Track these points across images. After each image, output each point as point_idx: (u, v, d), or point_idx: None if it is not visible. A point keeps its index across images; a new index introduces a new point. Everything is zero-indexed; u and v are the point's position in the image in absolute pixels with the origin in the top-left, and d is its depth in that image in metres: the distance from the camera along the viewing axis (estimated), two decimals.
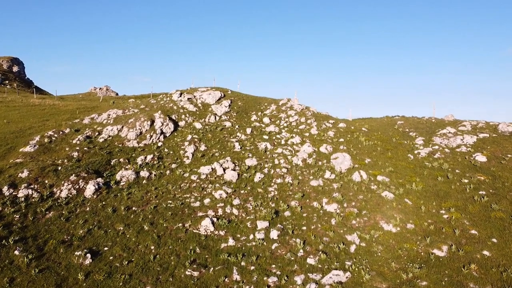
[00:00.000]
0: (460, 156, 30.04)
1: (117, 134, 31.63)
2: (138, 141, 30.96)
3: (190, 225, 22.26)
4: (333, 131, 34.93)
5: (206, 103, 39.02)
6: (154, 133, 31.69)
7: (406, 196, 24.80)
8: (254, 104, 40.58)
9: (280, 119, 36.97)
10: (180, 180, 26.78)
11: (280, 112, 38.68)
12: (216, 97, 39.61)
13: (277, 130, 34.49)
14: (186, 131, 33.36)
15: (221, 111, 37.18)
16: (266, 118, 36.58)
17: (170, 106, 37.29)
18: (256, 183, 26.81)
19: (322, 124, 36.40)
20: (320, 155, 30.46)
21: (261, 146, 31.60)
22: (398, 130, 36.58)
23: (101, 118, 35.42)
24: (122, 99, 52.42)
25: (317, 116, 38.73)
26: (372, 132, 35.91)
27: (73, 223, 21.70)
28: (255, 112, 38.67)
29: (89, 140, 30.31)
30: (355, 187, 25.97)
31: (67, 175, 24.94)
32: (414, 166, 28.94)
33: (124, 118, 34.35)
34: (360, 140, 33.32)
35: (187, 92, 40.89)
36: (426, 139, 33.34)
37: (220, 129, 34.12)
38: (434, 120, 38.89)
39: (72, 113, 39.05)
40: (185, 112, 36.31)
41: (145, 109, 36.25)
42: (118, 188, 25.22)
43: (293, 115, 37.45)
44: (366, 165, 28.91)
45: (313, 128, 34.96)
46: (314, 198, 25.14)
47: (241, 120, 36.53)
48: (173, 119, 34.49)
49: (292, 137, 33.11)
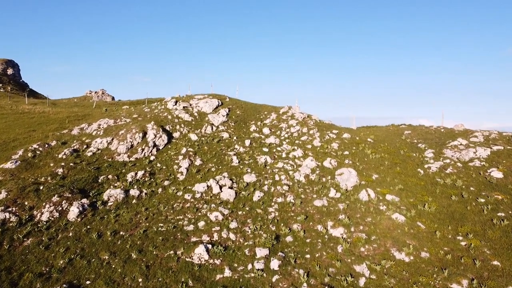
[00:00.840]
0: (474, 171, 28.00)
1: (107, 147, 29.59)
2: (129, 155, 28.93)
3: (182, 253, 20.23)
4: (337, 142, 32.89)
5: (202, 112, 36.95)
6: (146, 146, 29.65)
7: (419, 219, 22.77)
8: (253, 113, 38.54)
9: (280, 129, 34.93)
10: (173, 200, 24.75)
11: (280, 121, 36.64)
12: (213, 105, 37.55)
13: (277, 141, 32.45)
14: (180, 143, 31.32)
15: (218, 120, 35.13)
16: (266, 129, 34.53)
17: (164, 115, 35.24)
18: (255, 202, 24.78)
19: (326, 134, 34.36)
20: (324, 170, 28.42)
21: (261, 160, 29.56)
22: (405, 141, 34.56)
23: (91, 128, 33.38)
24: (116, 105, 50.36)
25: (319, 126, 36.68)
26: (378, 143, 33.87)
27: (53, 251, 19.68)
28: (254, 121, 36.62)
29: (76, 154, 28.27)
30: (362, 208, 23.94)
31: (49, 195, 22.91)
32: (425, 182, 26.91)
33: (115, 128, 32.32)
34: (366, 152, 31.29)
35: (183, 100, 38.83)
36: (436, 152, 31.31)
37: (217, 140, 32.08)
38: (443, 129, 36.87)
39: (61, 122, 37.01)
40: (180, 122, 34.27)
41: (138, 118, 34.21)
42: (105, 210, 23.18)
43: (294, 125, 35.41)
44: (373, 181, 26.88)
45: (315, 140, 32.92)
46: (318, 220, 23.11)
47: (240, 130, 34.50)
48: (167, 130, 32.45)
49: (294, 150, 31.07)
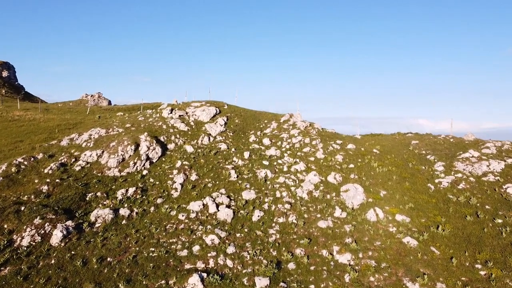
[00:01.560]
0: (488, 187, 26.22)
1: (97, 161, 27.79)
2: (120, 169, 27.12)
3: (175, 283, 18.44)
4: (341, 154, 31.09)
5: (199, 121, 35.13)
6: (139, 160, 27.84)
7: (432, 243, 20.98)
8: (252, 122, 36.73)
9: (281, 139, 33.12)
10: (166, 220, 22.94)
11: (281, 131, 34.83)
12: (211, 114, 35.73)
13: (278, 153, 30.63)
14: (175, 155, 29.51)
15: (216, 130, 33.31)
16: (266, 139, 32.72)
17: (159, 125, 33.43)
18: (255, 223, 22.99)
19: (329, 145, 32.56)
20: (328, 186, 26.62)
21: (261, 174, 27.76)
22: (413, 152, 32.75)
23: (81, 139, 31.58)
24: (111, 111, 48.56)
25: (322, 136, 34.89)
26: (385, 154, 32.08)
27: (33, 282, 17.87)
28: (253, 131, 34.81)
29: (64, 169, 26.47)
30: (370, 230, 22.14)
31: (31, 217, 21.10)
32: (436, 200, 25.12)
33: (106, 139, 30.51)
34: (373, 166, 29.49)
35: (179, 108, 37.02)
36: (447, 165, 29.51)
37: (214, 152, 30.28)
38: (453, 139, 35.07)
39: (51, 132, 35.20)
40: (176, 132, 32.45)
41: (131, 128, 32.38)
42: (91, 232, 21.37)
43: (296, 135, 33.60)
44: (381, 199, 25.09)
45: (319, 151, 31.12)
46: (323, 244, 21.31)
47: (238, 141, 32.68)
48: (161, 142, 30.64)
49: (296, 163, 29.26)
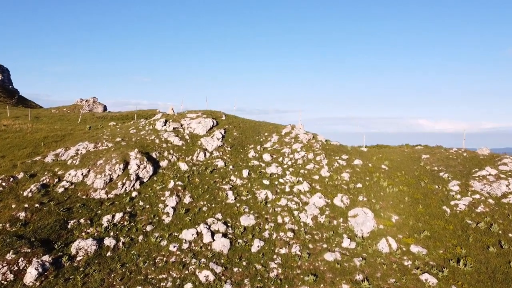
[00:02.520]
0: (509, 210, 23.96)
1: (82, 181, 25.50)
2: (107, 190, 24.84)
3: None
4: (348, 172, 28.83)
5: (195, 134, 32.82)
6: (128, 180, 25.56)
7: (454, 281, 18.70)
8: (252, 134, 34.43)
9: (283, 155, 30.82)
10: (156, 252, 20.66)
11: (283, 145, 32.54)
12: (207, 126, 33.43)
13: (280, 171, 28.35)
14: (168, 174, 27.23)
15: (213, 145, 31.01)
16: (267, 155, 30.43)
17: (151, 139, 31.13)
18: (254, 254, 20.71)
19: (334, 161, 30.30)
20: (335, 209, 24.36)
21: (261, 195, 25.50)
22: (424, 168, 30.49)
23: (67, 154, 29.30)
24: (103, 120, 46.26)
25: (327, 150, 32.62)
26: (394, 171, 29.82)
27: None
28: (253, 145, 32.50)
29: (45, 191, 24.19)
30: (383, 265, 19.88)
31: (3, 251, 18.80)
32: (454, 227, 22.86)
33: (94, 156, 28.23)
34: (382, 185, 27.23)
35: (173, 119, 34.70)
36: (462, 184, 27.25)
37: (211, 170, 27.99)
38: (466, 153, 32.80)
39: (37, 146, 32.89)
40: (169, 147, 30.15)
41: (121, 143, 30.09)
42: (71, 268, 19.09)
43: (298, 150, 31.32)
44: (393, 226, 22.83)
45: (323, 169, 28.85)
46: (331, 282, 19.03)
47: (237, 157, 30.39)
48: (153, 159, 28.35)
49: (299, 182, 26.99)
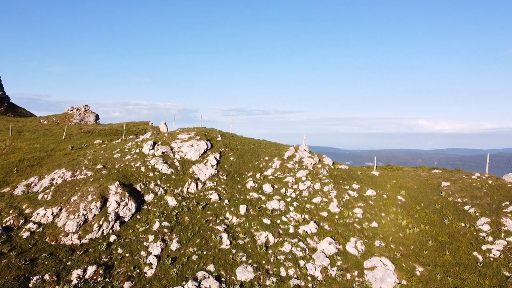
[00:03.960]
0: None
1: (52, 223, 21.88)
2: (80, 234, 21.21)
3: None
4: (360, 206, 25.21)
5: (186, 159, 29.16)
6: (106, 221, 21.93)
7: None
8: (251, 159, 30.75)
9: (286, 185, 27.19)
10: None
11: (285, 172, 28.89)
12: (200, 150, 29.77)
13: (282, 206, 24.71)
14: (154, 211, 23.59)
15: (206, 174, 27.35)
16: (267, 185, 26.79)
17: (136, 166, 27.47)
18: None
19: (344, 192, 26.68)
20: (348, 259, 20.73)
21: (261, 239, 21.88)
22: (446, 200, 26.86)
23: (40, 185, 25.70)
24: (89, 136, 42.55)
25: (335, 177, 28.99)
26: (412, 203, 26.20)
27: None
28: (252, 172, 28.84)
29: (7, 236, 20.55)
30: None
31: None
32: (490, 282, 19.23)
33: (69, 188, 24.61)
34: (401, 223, 23.62)
35: (163, 141, 31.01)
36: (493, 222, 23.63)
37: (203, 206, 24.36)
38: (491, 181, 29.15)
39: (9, 172, 29.32)
40: (156, 177, 26.50)
41: (102, 171, 26.45)
42: None
43: (303, 178, 27.68)
44: (418, 281, 19.20)
45: (332, 203, 25.24)
46: None
47: (233, 188, 26.73)
48: (137, 192, 24.71)
49: (305, 221, 23.38)
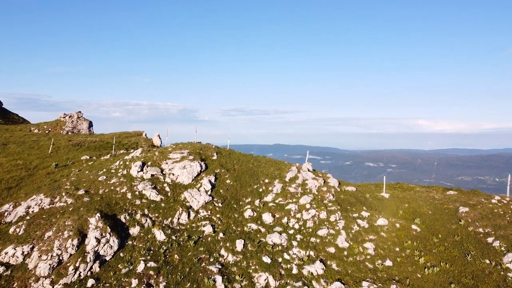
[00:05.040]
0: None
1: (23, 264, 19.21)
2: (54, 279, 18.52)
3: None
4: (371, 239, 22.56)
5: (177, 183, 26.46)
6: (83, 262, 19.23)
7: None
8: (249, 181, 28.04)
9: (288, 214, 24.52)
10: None
11: (287, 197, 26.21)
12: (194, 172, 27.07)
13: (284, 241, 22.04)
14: (139, 248, 20.90)
15: (199, 201, 24.66)
16: (268, 215, 24.12)
17: (122, 192, 24.78)
18: None
19: (353, 222, 24.03)
20: None
21: (260, 282, 19.20)
22: (466, 230, 24.21)
23: (14, 214, 23.06)
24: (76, 150, 39.79)
25: (342, 202, 26.34)
26: (429, 234, 23.57)
27: None
28: (250, 198, 26.14)
29: None
30: None
31: None
32: None
33: (46, 220, 21.94)
34: (418, 262, 20.97)
35: (153, 162, 28.27)
36: None
37: (195, 241, 21.68)
38: None
39: None
40: (143, 205, 23.81)
41: (83, 198, 23.77)
42: None
43: (307, 206, 25.02)
44: None
45: (340, 235, 22.59)
46: None
47: (229, 217, 24.06)
48: (121, 224, 22.04)
49: (310, 259, 20.71)
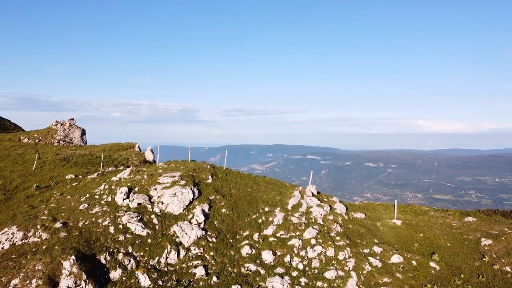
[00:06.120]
0: None
1: None
2: None
3: None
4: (386, 282, 19.80)
5: (167, 213, 23.68)
6: None
7: None
8: (247, 210, 25.25)
9: (291, 251, 21.76)
10: None
11: (290, 229, 23.44)
12: (185, 200, 24.29)
13: (287, 286, 19.19)
14: None
15: (191, 236, 21.86)
16: (268, 252, 21.35)
17: (104, 225, 22.01)
18: None
19: (364, 260, 21.27)
20: None
21: None
22: (492, 268, 21.47)
23: None
24: (63, 166, 36.93)
25: (351, 233, 23.60)
26: (449, 274, 20.82)
27: None
28: (249, 231, 23.35)
29: None
30: None
31: None
32: None
33: (15, 261, 19.18)
34: None
35: (141, 187, 25.48)
36: None
37: (185, 286, 18.88)
38: None
39: None
40: (127, 241, 21.03)
41: (60, 234, 21.00)
42: None
43: (312, 241, 22.25)
44: None
45: (351, 278, 19.83)
46: None
47: (224, 255, 21.27)
48: (100, 265, 19.26)
49: None
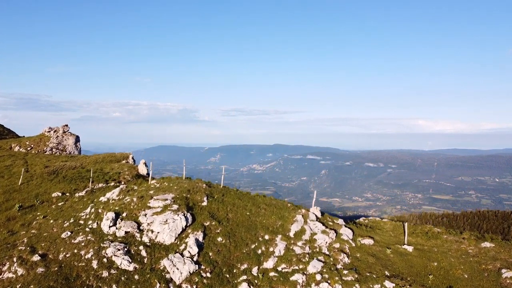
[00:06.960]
0: None
1: None
2: None
3: None
4: None
5: (157, 243, 21.51)
6: None
7: None
8: (245, 238, 23.07)
9: (294, 286, 19.57)
10: None
11: (292, 261, 21.27)
12: (177, 228, 22.11)
13: None
14: None
15: (183, 272, 19.68)
16: None
17: (87, 258, 19.84)
18: None
19: None
20: None
21: None
22: None
23: None
24: (51, 182, 34.77)
25: (359, 264, 21.43)
26: None
27: None
28: (247, 264, 21.18)
29: None
30: None
31: None
32: None
33: None
34: None
35: (129, 213, 23.31)
36: None
37: None
38: None
39: None
40: (112, 278, 18.85)
41: (37, 270, 18.84)
42: None
43: (318, 276, 20.00)
44: None
45: None
46: None
47: None
48: None
49: None
